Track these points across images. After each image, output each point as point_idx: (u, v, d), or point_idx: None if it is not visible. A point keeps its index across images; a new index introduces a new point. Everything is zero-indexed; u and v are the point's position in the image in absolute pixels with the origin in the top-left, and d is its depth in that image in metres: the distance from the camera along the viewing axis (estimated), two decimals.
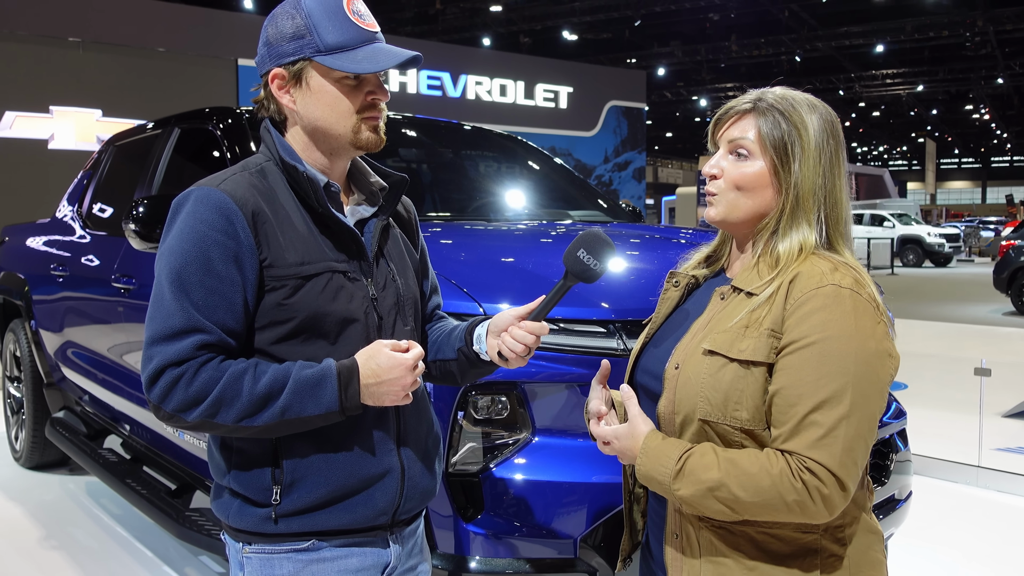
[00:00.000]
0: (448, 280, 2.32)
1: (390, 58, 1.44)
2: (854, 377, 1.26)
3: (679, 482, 1.30)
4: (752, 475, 1.26)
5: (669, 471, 1.31)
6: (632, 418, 1.39)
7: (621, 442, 1.40)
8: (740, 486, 1.26)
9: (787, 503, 1.25)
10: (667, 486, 1.31)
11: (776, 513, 1.27)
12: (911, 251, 24.36)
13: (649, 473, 1.33)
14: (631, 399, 1.42)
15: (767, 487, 1.25)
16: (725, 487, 1.27)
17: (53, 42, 10.43)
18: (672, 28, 27.19)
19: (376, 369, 1.39)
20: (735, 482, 1.26)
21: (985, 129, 52.93)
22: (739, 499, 1.26)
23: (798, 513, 1.26)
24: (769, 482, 1.25)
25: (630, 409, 1.40)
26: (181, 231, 1.39)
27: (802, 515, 1.26)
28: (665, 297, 1.56)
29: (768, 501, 1.25)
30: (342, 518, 1.45)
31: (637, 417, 1.39)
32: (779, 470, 1.25)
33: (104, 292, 3.71)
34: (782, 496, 1.25)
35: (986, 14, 23.94)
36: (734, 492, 1.26)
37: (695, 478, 1.29)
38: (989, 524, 4.14)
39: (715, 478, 1.27)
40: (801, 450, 1.25)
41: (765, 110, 1.39)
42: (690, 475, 1.29)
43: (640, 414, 1.39)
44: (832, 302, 1.29)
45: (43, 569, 3.57)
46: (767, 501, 1.25)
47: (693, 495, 1.29)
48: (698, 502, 1.30)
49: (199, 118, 3.58)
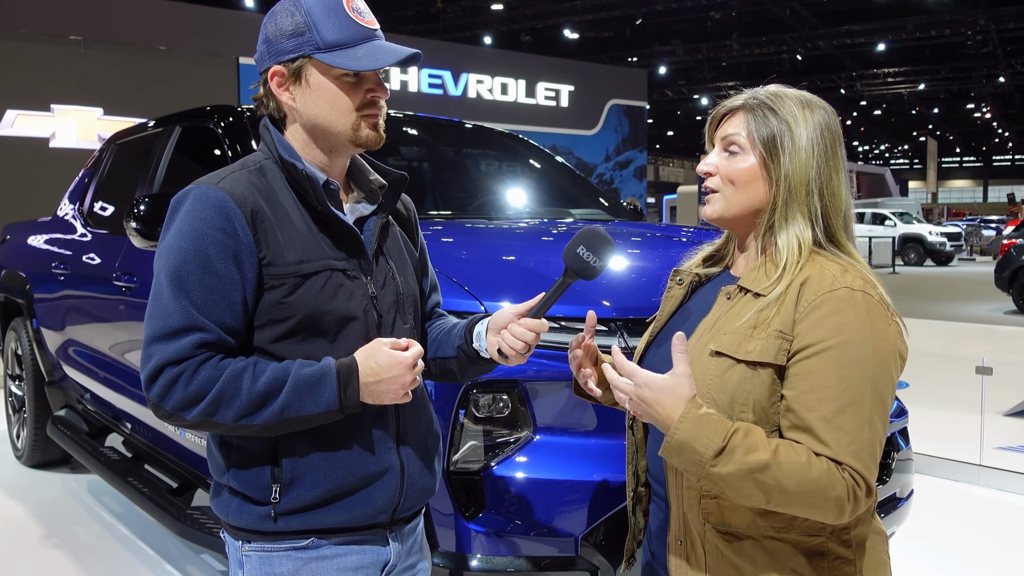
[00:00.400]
0: (449, 278, 2.31)
1: (390, 55, 1.44)
2: (872, 381, 1.26)
3: (719, 459, 1.21)
4: (801, 463, 1.22)
5: (713, 446, 1.22)
6: (678, 375, 1.26)
7: (654, 392, 1.26)
8: (788, 472, 1.21)
9: (827, 498, 1.22)
10: (704, 461, 1.22)
11: (810, 507, 1.23)
12: (912, 250, 24.35)
13: (686, 441, 1.23)
14: (682, 353, 1.27)
15: (815, 478, 1.21)
16: (770, 471, 1.21)
17: (54, 40, 10.41)
18: (673, 26, 27.18)
19: (375, 367, 1.38)
20: (783, 468, 1.21)
21: (987, 128, 52.86)
22: (781, 486, 1.21)
23: (832, 511, 1.23)
24: (818, 473, 1.22)
25: (678, 365, 1.27)
26: (180, 229, 1.39)
27: (834, 514, 1.24)
28: (669, 295, 1.56)
29: (810, 493, 1.22)
30: (341, 516, 1.45)
31: (684, 376, 1.26)
32: (827, 465, 1.23)
33: (105, 290, 3.71)
34: (827, 490, 1.22)
35: (988, 12, 23.91)
36: (778, 478, 1.21)
37: (737, 458, 1.21)
38: (990, 523, 4.14)
39: (762, 459, 1.21)
40: (832, 455, 1.23)
41: (755, 107, 1.41)
42: (734, 453, 1.21)
43: (688, 374, 1.27)
44: (846, 305, 1.28)
45: (45, 567, 3.57)
46: (808, 493, 1.22)
47: (732, 474, 1.21)
48: (732, 483, 1.23)
49: (200, 116, 3.58)
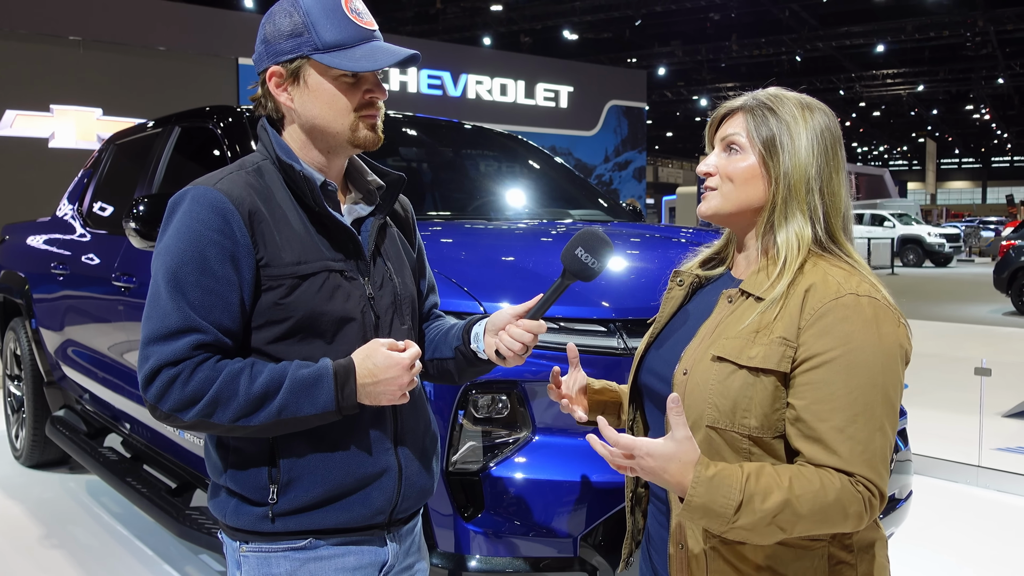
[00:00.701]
0: (448, 279, 2.31)
1: (388, 56, 1.44)
2: (882, 387, 1.26)
3: (740, 513, 1.19)
4: (815, 491, 1.21)
5: (732, 503, 1.19)
6: (680, 440, 1.21)
7: (658, 461, 1.21)
8: (805, 504, 1.20)
9: (848, 515, 1.22)
10: (726, 519, 1.19)
11: (830, 526, 1.23)
12: (911, 251, 24.36)
13: (706, 505, 1.19)
14: (678, 416, 1.22)
15: (832, 502, 1.21)
16: (790, 507, 1.19)
17: (53, 41, 10.41)
18: (673, 28, 27.18)
19: (373, 368, 1.38)
20: (799, 500, 1.20)
21: (985, 129, 52.88)
22: (800, 518, 1.20)
23: (852, 523, 1.23)
24: (834, 496, 1.21)
25: (677, 429, 1.22)
26: (177, 230, 1.39)
27: (856, 525, 1.24)
28: (669, 296, 1.56)
29: (830, 516, 1.22)
30: (339, 517, 1.45)
31: (686, 440, 1.21)
32: (840, 483, 1.22)
33: (104, 291, 3.71)
34: (845, 509, 1.22)
35: (987, 14, 23.92)
36: (798, 511, 1.19)
37: (756, 507, 1.19)
38: (989, 524, 4.14)
39: (779, 501, 1.19)
40: (845, 466, 1.23)
41: (754, 108, 1.41)
42: (750, 504, 1.19)
43: (689, 437, 1.22)
44: (852, 312, 1.28)
45: (43, 567, 3.57)
46: (828, 516, 1.22)
47: (755, 523, 1.19)
48: (758, 531, 1.20)
49: (200, 117, 3.58)
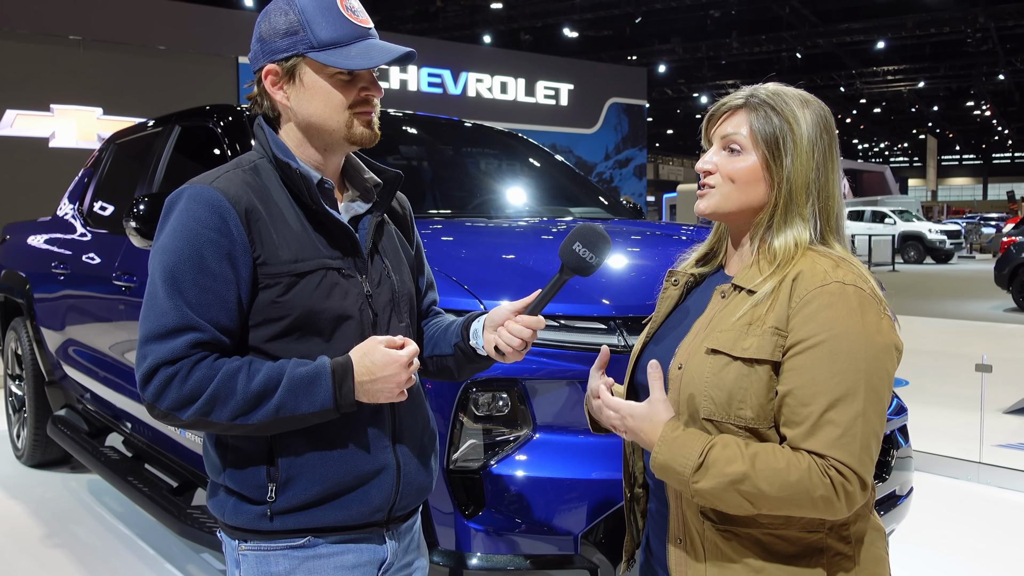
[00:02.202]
0: (449, 277, 2.32)
1: (384, 54, 1.44)
2: (865, 374, 1.26)
3: (699, 475, 1.26)
4: (779, 469, 1.24)
5: (690, 464, 1.26)
6: (654, 402, 1.34)
7: (636, 421, 1.35)
8: (766, 480, 1.23)
9: (813, 498, 1.23)
10: (685, 478, 1.27)
11: (798, 508, 1.25)
12: (912, 248, 24.35)
13: (667, 463, 1.29)
14: (657, 380, 1.36)
15: (795, 481, 1.23)
16: (749, 480, 1.23)
17: (53, 40, 10.41)
18: (673, 25, 27.16)
19: (371, 366, 1.38)
20: (761, 476, 1.23)
21: (986, 125, 52.82)
22: (763, 493, 1.24)
23: (821, 509, 1.24)
24: (797, 476, 1.23)
25: (654, 392, 1.35)
26: (174, 229, 1.39)
27: (825, 511, 1.25)
28: (664, 296, 1.56)
29: (793, 496, 1.23)
30: (338, 515, 1.45)
31: (659, 402, 1.34)
32: (807, 465, 1.23)
33: (105, 290, 3.71)
34: (809, 491, 1.23)
35: (987, 10, 23.90)
36: (759, 486, 1.23)
37: (717, 471, 1.25)
38: (990, 520, 4.14)
39: (739, 471, 1.24)
40: (821, 449, 1.24)
41: (757, 106, 1.39)
42: (712, 467, 1.25)
43: (663, 399, 1.35)
44: (838, 299, 1.28)
45: (45, 567, 3.58)
46: (792, 496, 1.23)
47: (714, 488, 1.25)
48: (717, 495, 1.26)
49: (200, 116, 3.59)
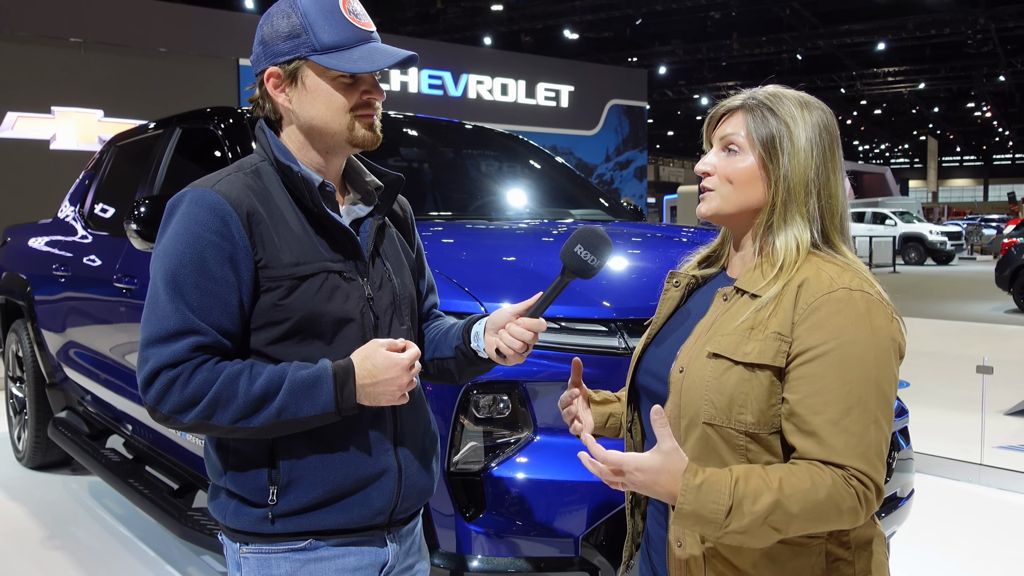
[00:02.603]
0: (450, 279, 2.32)
1: (386, 57, 1.44)
2: (876, 380, 1.26)
3: (732, 517, 1.20)
4: (806, 490, 1.20)
5: (722, 509, 1.20)
6: (666, 452, 1.24)
7: (648, 475, 1.23)
8: (796, 504, 1.19)
9: (842, 511, 1.22)
10: (719, 524, 1.20)
11: (826, 524, 1.23)
12: (913, 249, 24.33)
13: (697, 512, 1.21)
14: (664, 427, 1.25)
15: (823, 499, 1.21)
16: (780, 509, 1.19)
17: (54, 42, 10.41)
18: (673, 26, 27.16)
19: (372, 369, 1.38)
20: (790, 501, 1.20)
21: (987, 127, 52.81)
22: (793, 518, 1.20)
23: (848, 520, 1.23)
24: (825, 494, 1.21)
25: (664, 441, 1.24)
26: (176, 232, 1.39)
27: (851, 521, 1.24)
28: (666, 297, 1.56)
29: (824, 514, 1.21)
30: (339, 518, 1.45)
31: (674, 451, 1.24)
32: (831, 480, 1.22)
33: (106, 292, 3.71)
34: (838, 506, 1.21)
35: (988, 11, 23.89)
36: (789, 511, 1.19)
37: (747, 509, 1.19)
38: (991, 522, 4.14)
39: (769, 503, 1.19)
40: (838, 460, 1.23)
41: (754, 107, 1.40)
42: (741, 507, 1.20)
43: (676, 447, 1.24)
44: (845, 306, 1.28)
45: (46, 569, 3.58)
46: (823, 514, 1.21)
47: (746, 528, 1.20)
48: (749, 533, 1.20)
49: (200, 118, 3.59)
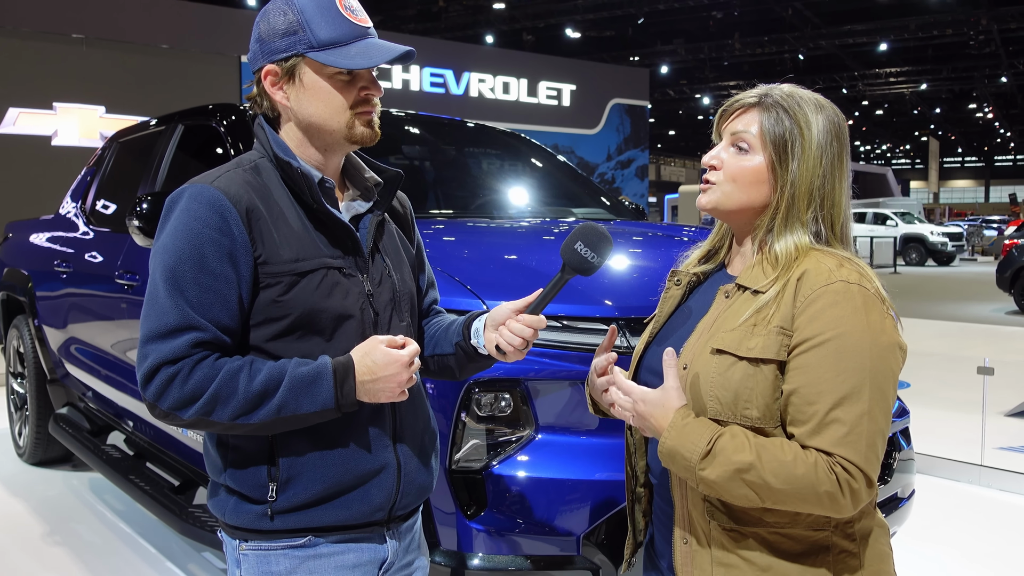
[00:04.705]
0: (451, 277, 2.32)
1: (383, 53, 1.44)
2: (871, 372, 1.26)
3: (707, 462, 1.25)
4: (786, 462, 1.23)
5: (698, 450, 1.26)
6: (667, 389, 1.33)
7: (647, 407, 1.33)
8: (772, 472, 1.23)
9: (818, 494, 1.23)
10: (692, 465, 1.27)
11: (803, 503, 1.25)
12: (914, 250, 24.34)
13: (675, 448, 1.28)
14: (672, 368, 1.34)
15: (801, 475, 1.23)
16: (755, 470, 1.23)
17: (56, 38, 10.43)
18: (675, 26, 27.16)
19: (372, 366, 1.38)
20: (768, 467, 1.23)
21: (988, 128, 52.78)
22: (769, 485, 1.23)
23: (826, 505, 1.24)
24: (804, 470, 1.23)
25: (669, 379, 1.33)
26: (175, 229, 1.39)
27: (830, 508, 1.25)
28: (667, 296, 1.56)
29: (799, 490, 1.23)
30: (338, 514, 1.45)
31: (673, 389, 1.33)
32: (814, 460, 1.23)
33: (107, 288, 3.72)
34: (815, 486, 1.23)
35: (990, 12, 23.89)
36: (765, 477, 1.23)
37: (724, 459, 1.25)
38: (992, 523, 4.14)
39: (747, 460, 1.24)
40: (827, 447, 1.24)
41: (770, 106, 1.39)
42: (719, 455, 1.25)
43: (677, 387, 1.33)
44: (842, 298, 1.28)
45: (46, 565, 3.58)
46: (798, 490, 1.23)
47: (720, 476, 1.25)
48: (723, 485, 1.25)
49: (202, 114, 3.59)
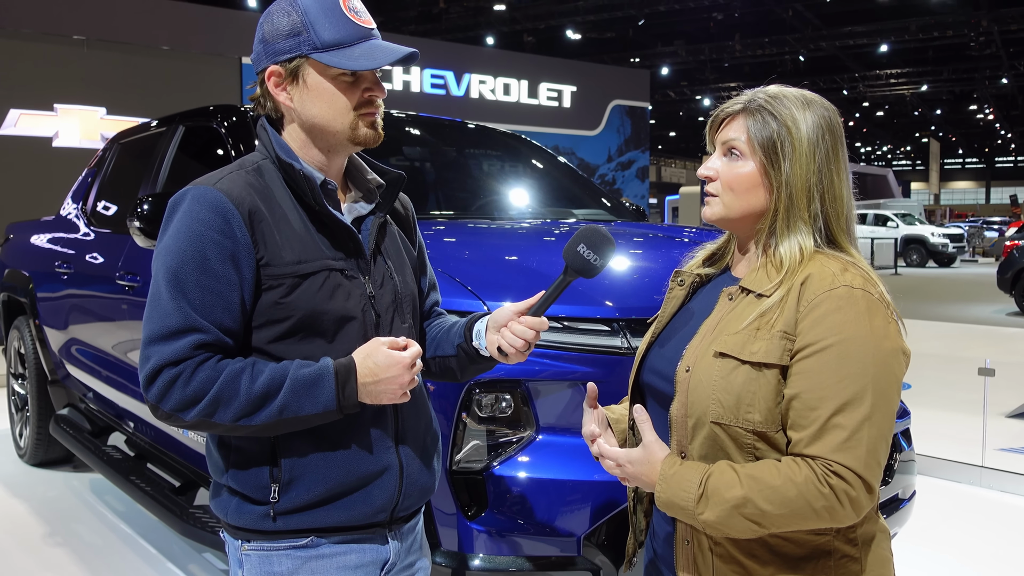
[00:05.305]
0: (452, 278, 2.32)
1: (387, 55, 1.44)
2: (873, 378, 1.26)
3: (703, 505, 1.27)
4: (776, 487, 1.24)
5: (692, 496, 1.28)
6: (648, 444, 1.37)
7: (635, 467, 1.37)
8: (766, 500, 1.24)
9: (815, 510, 1.23)
10: (691, 511, 1.28)
11: (804, 521, 1.25)
12: (915, 251, 24.33)
13: (671, 500, 1.31)
14: (646, 423, 1.38)
15: (793, 497, 1.23)
16: (751, 503, 1.24)
17: (57, 40, 10.43)
18: (676, 27, 27.17)
19: (374, 367, 1.38)
20: (760, 496, 1.24)
21: (989, 129, 52.76)
22: (766, 513, 1.24)
23: (827, 518, 1.25)
24: (795, 492, 1.23)
25: (646, 435, 1.37)
26: (178, 230, 1.39)
27: (831, 520, 1.25)
28: (670, 296, 1.56)
29: (796, 511, 1.24)
30: (340, 515, 1.45)
31: (653, 444, 1.36)
32: (804, 478, 1.24)
33: (108, 289, 3.72)
34: (810, 504, 1.23)
35: (991, 14, 23.88)
36: (760, 507, 1.24)
37: (718, 498, 1.26)
38: (992, 524, 4.14)
39: (739, 495, 1.25)
40: (826, 454, 1.24)
41: (755, 111, 1.39)
42: (713, 496, 1.26)
43: (656, 440, 1.37)
44: (846, 304, 1.28)
45: (47, 566, 3.58)
46: (795, 511, 1.24)
47: (719, 517, 1.26)
48: (724, 523, 1.26)
49: (203, 116, 3.59)
